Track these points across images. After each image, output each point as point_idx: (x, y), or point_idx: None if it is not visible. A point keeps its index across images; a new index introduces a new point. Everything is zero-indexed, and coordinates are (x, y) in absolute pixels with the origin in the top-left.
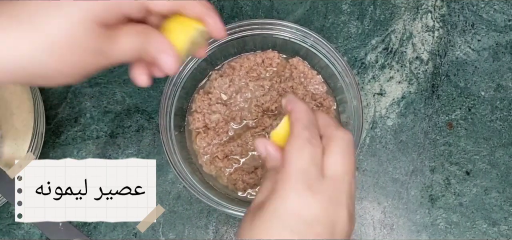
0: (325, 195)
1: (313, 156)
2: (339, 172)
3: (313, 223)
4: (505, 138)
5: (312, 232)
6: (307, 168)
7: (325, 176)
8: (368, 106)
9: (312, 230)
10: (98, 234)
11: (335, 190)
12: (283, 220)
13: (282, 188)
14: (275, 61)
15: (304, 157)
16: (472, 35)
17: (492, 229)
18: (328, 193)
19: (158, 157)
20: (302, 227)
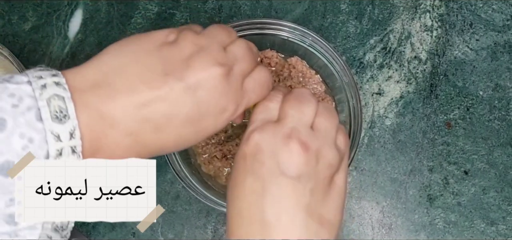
0: (269, 132)
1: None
2: (287, 112)
3: (257, 156)
4: (503, 137)
5: (257, 165)
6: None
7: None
8: (367, 105)
9: (257, 163)
10: (97, 234)
11: (282, 128)
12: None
13: None
14: (273, 61)
15: (258, 109)
16: (471, 34)
17: (490, 229)
18: (272, 130)
19: (156, 157)
20: (249, 163)
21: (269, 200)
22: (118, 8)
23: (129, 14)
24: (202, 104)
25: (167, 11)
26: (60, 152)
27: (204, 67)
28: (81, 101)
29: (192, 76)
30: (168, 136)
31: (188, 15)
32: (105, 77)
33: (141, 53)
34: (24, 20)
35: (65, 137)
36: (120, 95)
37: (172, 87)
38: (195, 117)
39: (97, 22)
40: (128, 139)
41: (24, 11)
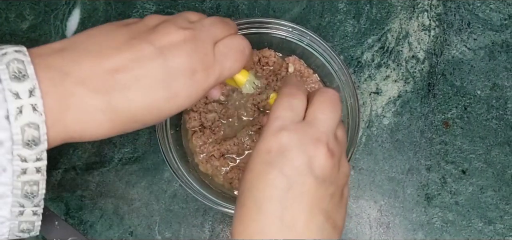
0: (299, 133)
1: (290, 103)
2: (318, 117)
3: (285, 153)
4: (501, 137)
5: (285, 162)
6: (282, 114)
7: (305, 121)
8: (364, 105)
9: (285, 160)
10: (94, 232)
11: (312, 130)
12: (260, 155)
13: (261, 134)
14: (271, 60)
15: (282, 105)
16: (468, 34)
17: (488, 228)
18: (302, 132)
19: (154, 156)
20: (275, 157)
21: (291, 198)
22: (115, 7)
23: (127, 13)
24: (170, 65)
25: (164, 10)
26: (20, 110)
27: (169, 32)
28: (44, 63)
29: (157, 39)
30: (138, 99)
31: None
32: (72, 44)
33: (109, 27)
34: (22, 19)
35: (24, 94)
36: (87, 57)
37: (139, 48)
38: (164, 79)
39: (94, 21)
40: (97, 98)
41: (22, 9)
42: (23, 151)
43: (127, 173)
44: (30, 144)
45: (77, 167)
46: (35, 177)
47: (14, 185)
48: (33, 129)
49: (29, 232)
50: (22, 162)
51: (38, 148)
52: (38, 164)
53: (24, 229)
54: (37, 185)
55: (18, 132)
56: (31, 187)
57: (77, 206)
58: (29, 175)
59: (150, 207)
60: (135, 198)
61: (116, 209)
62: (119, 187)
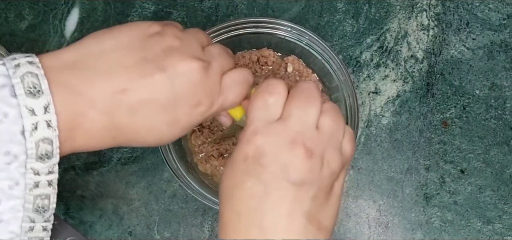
0: (273, 135)
1: (265, 102)
2: (293, 113)
3: (260, 159)
4: (500, 136)
5: (262, 169)
6: (257, 115)
7: (280, 120)
8: (363, 104)
9: (261, 166)
10: (94, 233)
11: (287, 131)
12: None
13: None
14: (270, 60)
15: (256, 105)
16: (467, 33)
17: (487, 227)
18: (277, 134)
19: (153, 156)
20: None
21: (270, 205)
22: (114, 6)
23: (126, 13)
24: (178, 93)
25: (163, 9)
26: (36, 126)
27: (184, 59)
28: (57, 80)
29: (171, 65)
30: (141, 122)
31: (185, 14)
32: (84, 59)
33: (122, 40)
34: (21, 19)
35: (40, 111)
36: (98, 77)
37: (151, 74)
38: (169, 106)
39: (93, 20)
40: (104, 118)
41: (21, 9)
42: (36, 165)
43: (127, 173)
44: (43, 158)
45: (77, 167)
46: (47, 190)
47: (26, 199)
48: (47, 144)
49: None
50: (35, 175)
51: (50, 161)
52: (50, 177)
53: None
54: (49, 199)
55: (32, 147)
56: (42, 201)
57: (76, 206)
58: (41, 188)
59: (150, 207)
60: (134, 198)
61: (115, 209)
62: (118, 187)
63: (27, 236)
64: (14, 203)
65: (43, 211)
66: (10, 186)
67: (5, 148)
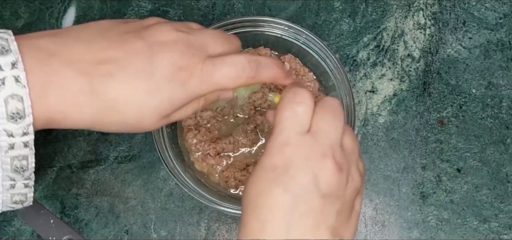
0: (304, 147)
1: (295, 112)
2: (322, 128)
3: (290, 169)
4: (496, 135)
5: (291, 179)
6: (287, 125)
7: (310, 132)
8: (360, 103)
9: (290, 177)
10: (90, 231)
11: (317, 144)
12: (265, 171)
13: (266, 146)
14: None
15: (286, 114)
16: (464, 33)
17: (483, 226)
18: (308, 146)
19: (150, 154)
20: (281, 175)
21: (297, 216)
22: (111, 5)
23: (122, 11)
24: (156, 58)
25: (160, 8)
26: (3, 81)
27: (163, 30)
28: (31, 44)
29: (150, 35)
30: (119, 87)
31: (181, 13)
32: (66, 31)
33: (107, 22)
34: (17, 17)
35: (7, 67)
36: (77, 44)
37: (130, 41)
38: (146, 70)
39: (90, 19)
40: (81, 80)
41: (16, 7)
42: (8, 125)
43: (123, 172)
44: (15, 117)
45: (73, 166)
46: (23, 151)
47: (2, 161)
48: (16, 101)
49: (22, 203)
50: (9, 137)
51: (23, 122)
52: (25, 138)
53: (17, 200)
54: (26, 160)
55: (1, 104)
56: (20, 162)
57: (72, 204)
58: (17, 150)
59: (146, 206)
60: (130, 196)
61: (111, 208)
62: (114, 185)
63: (9, 193)
64: None
65: (22, 171)
66: None
67: None
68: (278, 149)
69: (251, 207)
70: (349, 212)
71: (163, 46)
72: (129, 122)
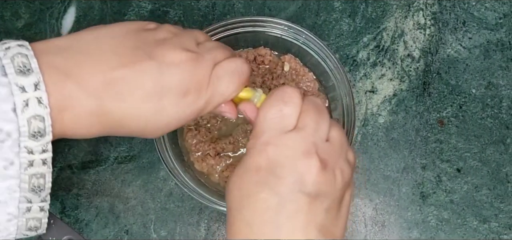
0: (288, 146)
1: (281, 112)
2: (308, 124)
3: (275, 170)
4: (496, 135)
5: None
6: (271, 124)
7: (294, 129)
8: (360, 103)
9: (276, 178)
10: (90, 231)
11: (302, 142)
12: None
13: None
14: (267, 58)
15: (271, 115)
16: (463, 33)
17: (483, 226)
18: (291, 145)
19: (149, 154)
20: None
21: (285, 218)
22: (111, 5)
23: (123, 12)
24: (165, 82)
25: (160, 8)
26: (27, 103)
27: (173, 49)
28: (47, 61)
29: (160, 54)
30: (128, 107)
31: (181, 13)
32: (77, 45)
33: (118, 30)
34: (17, 17)
35: (30, 88)
36: (88, 61)
37: (140, 61)
38: (155, 93)
39: (90, 19)
40: (92, 102)
41: (17, 7)
42: (29, 143)
43: (123, 172)
44: (36, 135)
45: (73, 166)
46: (42, 169)
47: (21, 179)
48: (38, 121)
49: (37, 230)
50: (29, 154)
51: (43, 139)
52: (44, 155)
53: (32, 226)
54: (44, 178)
55: (24, 124)
56: (38, 180)
57: (72, 204)
58: (36, 167)
59: (146, 206)
60: (130, 196)
61: (111, 208)
62: (114, 185)
63: (25, 217)
64: (10, 183)
65: (39, 191)
66: (5, 166)
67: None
68: (260, 149)
69: (236, 209)
70: (338, 208)
71: (172, 67)
72: (133, 133)
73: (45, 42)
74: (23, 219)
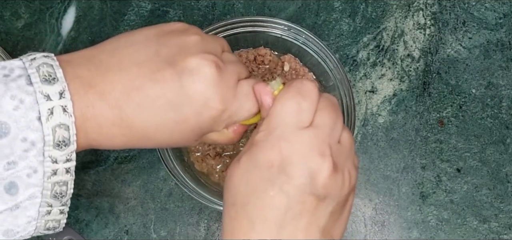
0: (303, 143)
1: (299, 107)
2: (326, 122)
3: (287, 168)
4: (496, 135)
5: (288, 180)
6: (288, 120)
7: (310, 127)
8: (360, 103)
9: (287, 177)
10: (90, 231)
11: (317, 141)
12: (258, 167)
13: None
14: (267, 58)
15: (289, 108)
16: (463, 33)
17: (483, 226)
18: (307, 142)
19: (149, 154)
20: (276, 174)
21: (290, 218)
22: (111, 5)
23: (122, 11)
24: (186, 89)
25: (160, 8)
26: (52, 111)
27: (196, 54)
28: (72, 71)
29: (182, 60)
30: (150, 118)
31: (181, 13)
32: (98, 55)
33: (138, 36)
34: (17, 17)
35: (55, 96)
36: (109, 72)
37: (160, 69)
38: (177, 102)
39: (90, 19)
40: (113, 113)
41: (17, 7)
42: (54, 152)
43: (123, 172)
44: (61, 145)
45: None
46: (65, 177)
47: (44, 186)
48: (63, 130)
49: (55, 229)
50: (53, 163)
51: (68, 149)
52: (68, 164)
53: (50, 227)
54: (66, 185)
55: (49, 133)
56: (60, 187)
57: (73, 205)
58: (59, 176)
59: (146, 206)
60: (130, 196)
61: (111, 208)
62: (114, 185)
63: (44, 219)
64: (33, 191)
65: (61, 197)
66: (28, 174)
67: (22, 134)
68: (274, 143)
69: (240, 204)
70: (342, 210)
71: (194, 74)
72: (161, 144)
73: (69, 54)
74: (42, 221)
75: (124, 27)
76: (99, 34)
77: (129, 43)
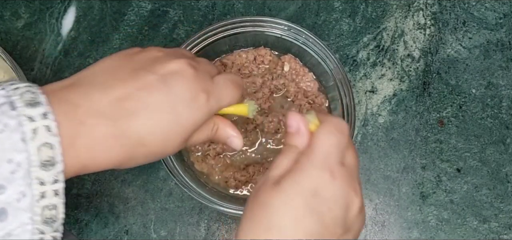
0: (343, 180)
1: (339, 143)
2: (353, 163)
3: (331, 202)
4: (496, 135)
5: (328, 211)
6: (331, 153)
7: (346, 166)
8: (360, 103)
9: (328, 209)
10: (90, 231)
11: (351, 178)
12: (303, 195)
13: (305, 165)
14: (267, 58)
15: (332, 142)
16: (463, 33)
17: (483, 226)
18: (346, 179)
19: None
20: (320, 204)
21: None
22: (111, 5)
23: (122, 11)
24: (173, 90)
25: (160, 8)
26: (35, 131)
27: (171, 59)
28: (55, 96)
29: (160, 68)
30: (144, 122)
31: (181, 13)
32: (80, 80)
33: (111, 61)
34: (17, 17)
35: (38, 117)
36: (95, 91)
37: (143, 77)
38: (167, 104)
39: (90, 19)
40: (107, 123)
41: (17, 7)
42: (40, 173)
43: (123, 172)
44: (47, 165)
45: None
46: (54, 200)
47: (33, 212)
48: (48, 149)
49: None
50: (41, 185)
51: (54, 169)
52: (55, 186)
53: None
54: (56, 209)
55: (34, 152)
56: (50, 211)
57: (72, 205)
58: (48, 198)
59: (146, 206)
60: (130, 196)
61: (111, 208)
62: (114, 185)
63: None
64: (23, 218)
65: (52, 222)
66: (17, 199)
67: (7, 156)
68: (320, 174)
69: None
70: None
71: (176, 76)
72: (155, 152)
73: (50, 84)
74: None
75: (124, 27)
76: (98, 34)
77: (105, 67)
